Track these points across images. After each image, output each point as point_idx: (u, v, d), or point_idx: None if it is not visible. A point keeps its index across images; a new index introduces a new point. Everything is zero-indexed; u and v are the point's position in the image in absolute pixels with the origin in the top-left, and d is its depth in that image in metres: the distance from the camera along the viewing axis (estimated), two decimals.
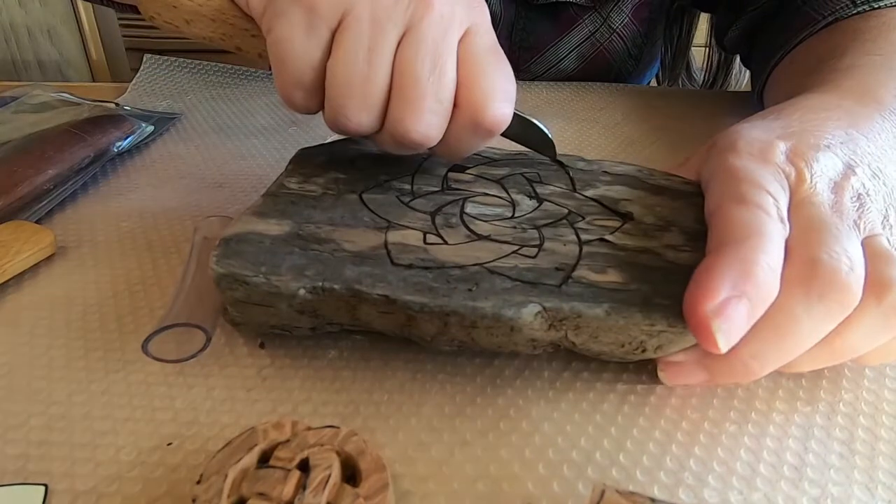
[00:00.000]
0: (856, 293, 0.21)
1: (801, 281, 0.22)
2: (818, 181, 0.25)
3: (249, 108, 0.57)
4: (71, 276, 0.32)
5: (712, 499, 0.21)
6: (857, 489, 0.22)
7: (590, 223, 0.27)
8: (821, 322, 0.22)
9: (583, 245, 0.26)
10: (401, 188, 0.29)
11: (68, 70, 1.20)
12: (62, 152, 0.40)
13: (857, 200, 0.24)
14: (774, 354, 0.22)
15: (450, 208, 0.28)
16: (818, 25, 0.43)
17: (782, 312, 0.22)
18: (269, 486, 0.19)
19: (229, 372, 0.26)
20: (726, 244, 0.22)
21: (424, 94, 0.26)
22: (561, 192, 0.29)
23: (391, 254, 0.25)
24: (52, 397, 0.25)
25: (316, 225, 0.26)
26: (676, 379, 0.25)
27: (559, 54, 0.64)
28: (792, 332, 0.22)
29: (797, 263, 0.22)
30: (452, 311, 0.22)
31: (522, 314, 0.22)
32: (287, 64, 0.26)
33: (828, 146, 0.26)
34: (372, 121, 0.27)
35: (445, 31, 0.26)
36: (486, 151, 0.33)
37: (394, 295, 0.23)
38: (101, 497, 0.21)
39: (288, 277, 0.23)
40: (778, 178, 0.25)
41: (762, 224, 0.22)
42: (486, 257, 0.25)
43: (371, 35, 0.25)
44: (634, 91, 0.61)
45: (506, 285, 0.23)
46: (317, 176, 0.30)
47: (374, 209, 0.28)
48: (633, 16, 0.63)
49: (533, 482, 0.22)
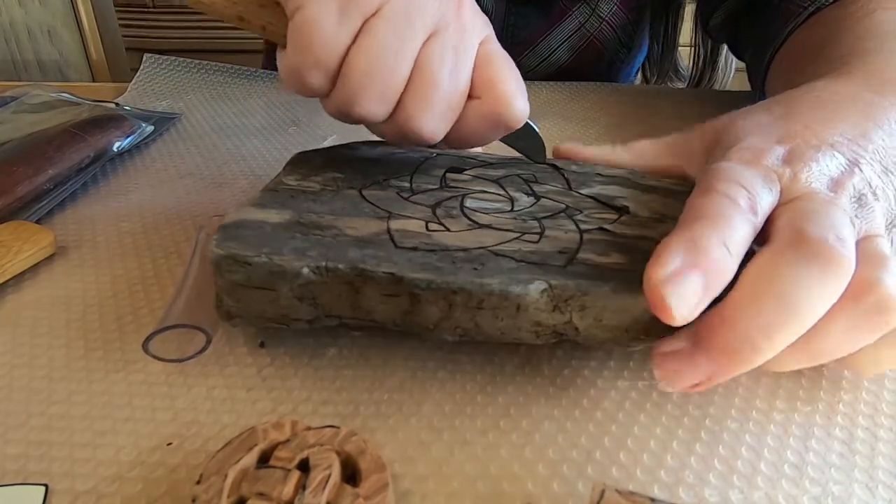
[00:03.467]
0: (845, 264, 0.20)
1: (786, 249, 0.21)
2: (814, 180, 0.24)
3: (249, 108, 0.57)
4: (71, 276, 0.32)
5: (713, 497, 0.21)
6: (858, 488, 0.22)
7: (588, 216, 0.28)
8: (810, 292, 0.20)
9: (583, 233, 0.26)
10: (400, 186, 0.30)
11: (68, 70, 1.20)
12: (62, 152, 0.40)
13: (856, 200, 0.24)
14: (765, 329, 0.21)
15: (449, 202, 0.28)
16: (800, 18, 0.44)
17: (767, 282, 0.21)
18: (269, 486, 0.19)
19: (229, 372, 0.26)
20: (679, 225, 0.22)
21: (441, 97, 0.27)
22: (557, 191, 0.30)
23: (394, 238, 0.25)
24: (52, 397, 0.25)
25: (317, 214, 0.26)
26: (674, 377, 0.23)
27: (551, 46, 0.65)
28: (781, 303, 0.20)
29: (781, 237, 0.21)
30: (459, 289, 0.22)
31: (530, 290, 0.22)
32: (313, 45, 0.26)
33: (832, 144, 0.25)
34: (384, 112, 0.27)
35: (469, 39, 0.28)
36: (482, 156, 0.34)
37: (400, 272, 0.23)
38: (101, 497, 0.21)
39: (290, 257, 0.23)
40: (764, 177, 0.24)
41: (720, 207, 0.22)
42: (489, 241, 0.25)
43: (402, 29, 0.26)
44: (633, 91, 0.62)
45: (511, 265, 0.23)
46: (315, 175, 0.30)
47: (374, 202, 0.28)
48: (621, 4, 0.64)
49: (533, 482, 0.22)
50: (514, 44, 0.64)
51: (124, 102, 0.56)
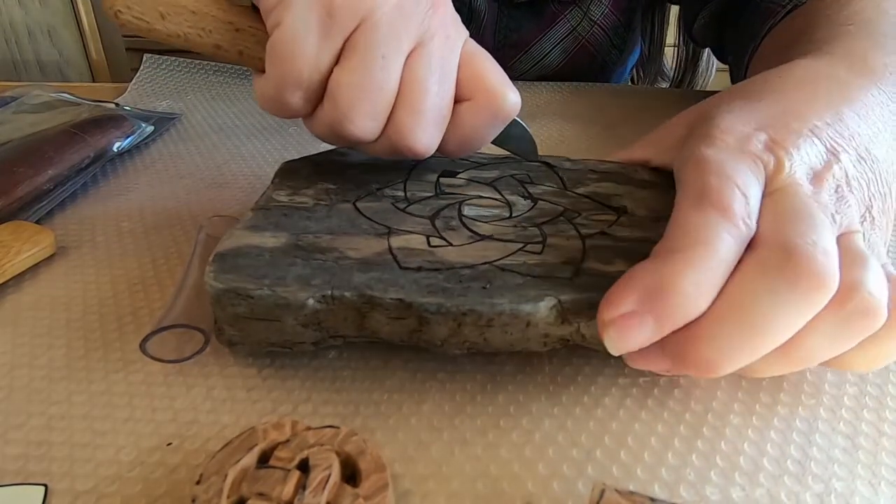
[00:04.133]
0: (830, 286, 0.19)
1: (770, 267, 0.20)
2: (797, 169, 0.23)
3: (249, 108, 0.57)
4: (71, 276, 0.32)
5: (714, 495, 0.21)
6: (861, 484, 0.21)
7: (587, 218, 0.27)
8: (790, 315, 0.20)
9: (585, 239, 0.26)
10: (394, 195, 0.29)
11: (68, 70, 1.20)
12: (62, 152, 0.40)
13: (835, 193, 0.23)
14: (738, 350, 0.20)
15: (447, 212, 0.28)
16: (779, 16, 0.44)
17: (747, 303, 0.20)
18: (269, 486, 0.19)
19: (229, 372, 0.26)
20: (658, 252, 0.21)
21: (431, 107, 0.27)
22: (553, 191, 0.30)
23: (398, 258, 0.24)
24: (52, 397, 0.25)
25: (314, 235, 0.26)
26: (638, 361, 0.22)
27: (543, 50, 0.65)
28: (758, 326, 0.20)
29: (766, 249, 0.20)
30: (469, 311, 0.22)
31: (539, 308, 0.22)
32: (293, 63, 0.25)
33: (812, 130, 0.25)
34: (375, 128, 0.27)
35: (452, 48, 0.28)
36: (474, 157, 0.33)
37: (409, 298, 0.22)
38: (101, 497, 0.21)
39: (295, 288, 0.23)
40: (753, 169, 0.23)
41: (710, 232, 0.20)
42: (493, 255, 0.25)
43: (387, 43, 0.25)
44: (630, 92, 0.62)
45: (518, 281, 0.23)
46: (306, 188, 0.29)
47: (370, 216, 0.27)
48: (613, 7, 0.64)
49: (533, 481, 0.22)
50: (506, 47, 0.65)
51: (124, 102, 0.56)
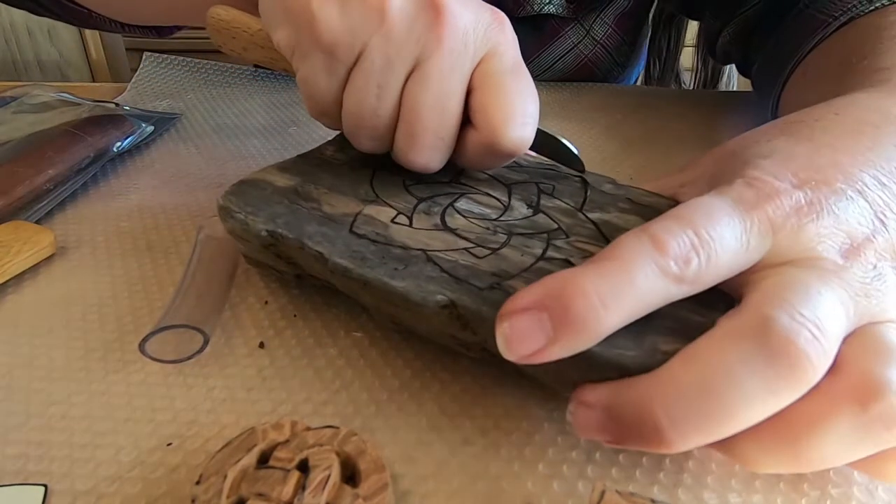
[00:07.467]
0: (812, 370, 0.17)
1: (747, 336, 0.17)
2: (826, 238, 0.19)
3: (249, 108, 0.57)
4: (71, 277, 0.32)
5: (711, 501, 0.21)
6: (857, 490, 0.22)
7: (570, 244, 0.25)
8: (764, 395, 0.17)
9: (539, 261, 0.24)
10: (411, 174, 0.30)
11: (68, 70, 1.20)
12: (62, 152, 0.40)
13: (873, 269, 0.19)
14: (695, 422, 0.17)
15: (443, 199, 0.28)
16: (830, 28, 0.39)
17: (712, 367, 0.17)
18: (269, 486, 0.19)
19: (229, 372, 0.26)
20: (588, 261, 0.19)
21: (425, 130, 0.27)
22: (564, 209, 0.27)
23: (354, 222, 0.26)
24: (52, 397, 0.25)
25: (315, 186, 0.29)
26: (585, 427, 0.20)
27: (542, 65, 0.64)
28: (724, 398, 0.17)
29: (746, 315, 0.18)
30: (368, 282, 0.24)
31: (428, 303, 0.22)
32: (314, 98, 0.29)
33: (860, 190, 0.21)
34: (380, 147, 0.29)
35: (453, 66, 0.27)
36: (519, 157, 0.32)
37: (327, 254, 0.25)
38: (101, 497, 0.21)
39: (260, 219, 0.27)
40: (743, 229, 0.19)
41: (633, 253, 0.18)
42: (434, 246, 0.25)
43: (381, 73, 0.27)
44: (633, 91, 0.62)
45: (432, 274, 0.23)
46: (352, 149, 0.32)
47: (375, 185, 0.29)
48: (616, 26, 0.63)
49: (533, 482, 0.22)
50: None
51: (124, 102, 0.56)
